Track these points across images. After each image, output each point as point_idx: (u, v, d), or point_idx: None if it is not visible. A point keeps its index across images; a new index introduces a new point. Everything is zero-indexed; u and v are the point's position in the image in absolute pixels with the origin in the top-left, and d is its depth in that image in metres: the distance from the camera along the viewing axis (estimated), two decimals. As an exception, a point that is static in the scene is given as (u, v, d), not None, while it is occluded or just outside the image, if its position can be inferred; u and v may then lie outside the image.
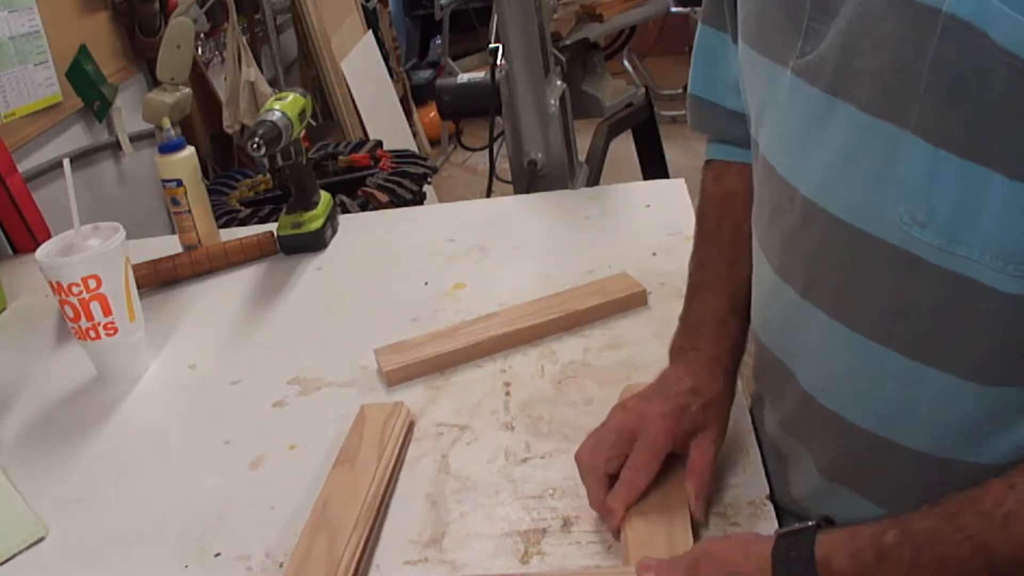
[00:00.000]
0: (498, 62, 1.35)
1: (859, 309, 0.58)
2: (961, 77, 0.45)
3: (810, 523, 0.56)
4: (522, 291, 1.04)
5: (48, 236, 1.14)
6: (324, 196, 1.28)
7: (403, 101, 3.54)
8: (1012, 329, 0.51)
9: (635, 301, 0.98)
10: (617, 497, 0.66)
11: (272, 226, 1.27)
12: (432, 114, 3.87)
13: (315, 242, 1.23)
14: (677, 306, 0.95)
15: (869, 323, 0.58)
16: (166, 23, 1.88)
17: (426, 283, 1.10)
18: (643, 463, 0.66)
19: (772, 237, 0.65)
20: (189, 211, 1.20)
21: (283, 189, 1.86)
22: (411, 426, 0.83)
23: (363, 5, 3.34)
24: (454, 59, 4.11)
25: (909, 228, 0.51)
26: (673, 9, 3.68)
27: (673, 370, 0.73)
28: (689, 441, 0.68)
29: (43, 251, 0.93)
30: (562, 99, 1.37)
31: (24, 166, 1.52)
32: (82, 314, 0.93)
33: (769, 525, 0.66)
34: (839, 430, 0.63)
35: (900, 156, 0.50)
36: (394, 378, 0.90)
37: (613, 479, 0.67)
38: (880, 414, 0.60)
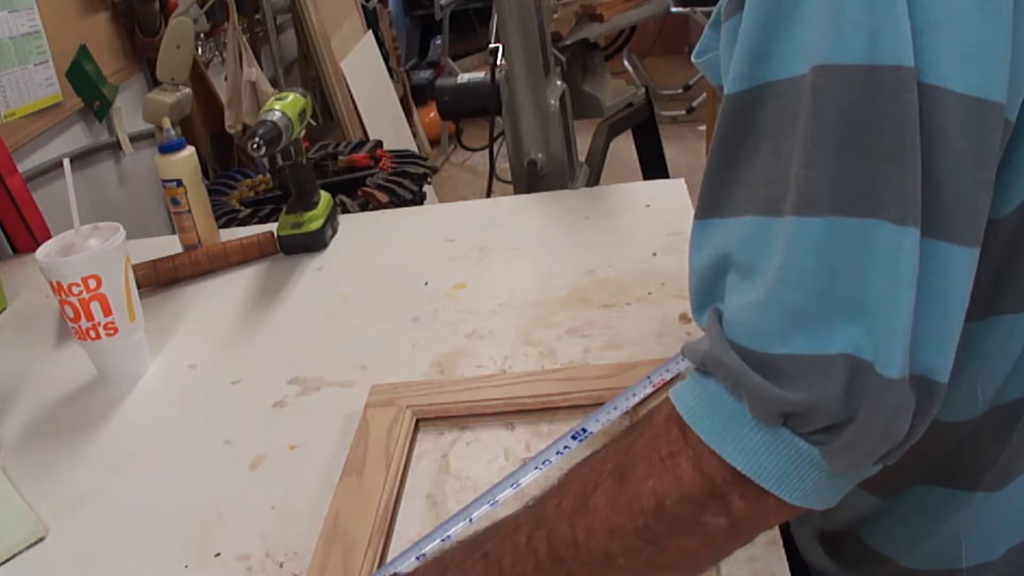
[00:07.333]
0: (498, 62, 1.35)
1: None
2: None
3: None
4: (522, 291, 1.04)
5: (48, 236, 1.14)
6: (324, 196, 1.28)
7: (403, 101, 3.54)
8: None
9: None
10: None
11: (272, 226, 1.27)
12: (432, 114, 3.87)
13: (315, 242, 1.24)
14: (677, 306, 0.96)
15: None
16: (166, 23, 1.88)
17: (426, 283, 1.10)
18: None
19: None
20: (189, 211, 1.20)
21: (283, 189, 1.87)
22: (417, 425, 0.83)
23: (363, 5, 3.34)
24: (454, 59, 4.11)
25: None
26: (673, 9, 3.67)
27: None
28: None
29: (43, 251, 0.93)
30: (562, 99, 1.37)
31: (24, 166, 1.53)
32: (82, 314, 0.93)
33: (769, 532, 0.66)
34: None
35: None
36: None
37: None
38: None
